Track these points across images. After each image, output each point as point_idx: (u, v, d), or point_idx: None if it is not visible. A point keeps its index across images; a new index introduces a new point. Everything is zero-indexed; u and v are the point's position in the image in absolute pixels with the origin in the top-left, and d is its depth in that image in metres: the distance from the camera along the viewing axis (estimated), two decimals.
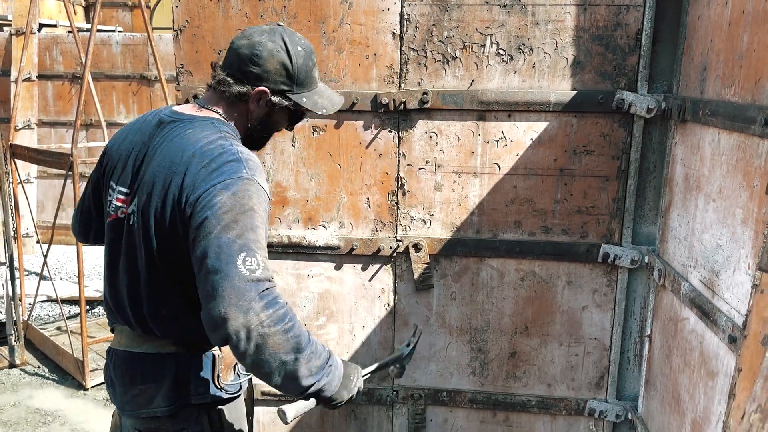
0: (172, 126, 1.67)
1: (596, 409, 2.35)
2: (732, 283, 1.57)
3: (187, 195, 1.52)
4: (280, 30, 1.69)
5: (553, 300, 2.33)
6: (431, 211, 2.33)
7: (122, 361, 1.74)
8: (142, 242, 1.64)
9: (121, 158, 1.75)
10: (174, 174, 1.56)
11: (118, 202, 1.71)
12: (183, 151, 1.58)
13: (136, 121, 1.81)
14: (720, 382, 1.63)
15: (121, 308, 1.73)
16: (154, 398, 1.70)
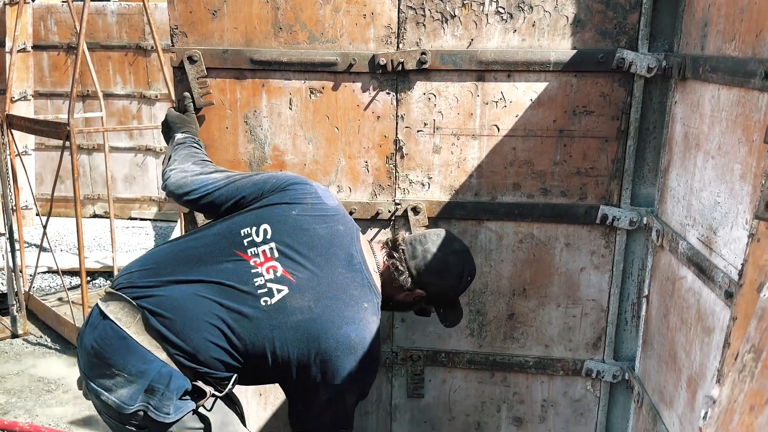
0: (357, 279, 1.82)
1: (593, 370, 2.38)
2: (729, 239, 1.57)
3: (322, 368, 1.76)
4: (468, 257, 1.98)
5: (551, 262, 2.34)
6: (430, 174, 2.32)
7: (111, 336, 1.72)
8: (255, 325, 1.73)
9: (296, 227, 1.82)
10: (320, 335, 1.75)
11: (262, 254, 1.77)
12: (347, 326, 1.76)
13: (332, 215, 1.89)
14: (716, 338, 1.64)
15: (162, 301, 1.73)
16: (122, 388, 1.70)
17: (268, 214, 1.83)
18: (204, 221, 2.40)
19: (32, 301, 5.83)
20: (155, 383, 1.69)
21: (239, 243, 1.79)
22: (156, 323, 1.71)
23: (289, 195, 1.88)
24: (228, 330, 1.72)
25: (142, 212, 8.76)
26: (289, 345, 1.73)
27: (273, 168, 2.36)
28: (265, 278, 1.75)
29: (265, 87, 2.28)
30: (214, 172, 2.01)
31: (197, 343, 1.71)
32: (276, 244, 1.78)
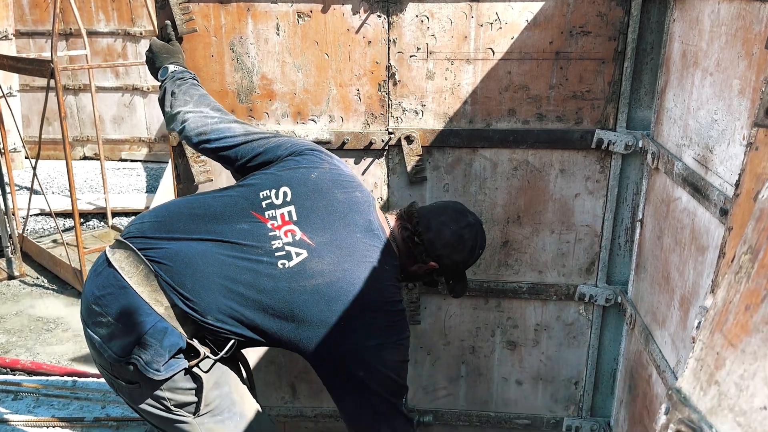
0: (374, 243, 1.79)
1: (586, 294, 2.41)
2: (726, 156, 1.56)
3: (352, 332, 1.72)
4: (480, 230, 1.96)
5: (546, 189, 2.33)
6: (423, 102, 2.28)
7: (112, 284, 1.69)
8: (272, 283, 1.69)
9: (316, 192, 1.79)
10: (342, 298, 1.70)
11: (280, 217, 1.74)
12: (363, 283, 1.72)
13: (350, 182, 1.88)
14: (710, 256, 1.65)
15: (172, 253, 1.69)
16: (115, 338, 1.68)
17: (288, 177, 1.80)
18: (193, 155, 2.36)
19: (27, 243, 5.83)
20: (149, 337, 1.65)
21: (257, 205, 1.76)
22: (163, 275, 1.67)
23: (307, 159, 1.86)
24: (242, 290, 1.69)
25: (132, 153, 8.67)
26: (310, 309, 1.69)
27: (262, 98, 2.31)
28: (283, 241, 1.72)
29: (251, 11, 2.21)
30: (234, 123, 1.96)
31: (207, 302, 1.67)
32: (295, 207, 1.75)
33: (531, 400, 2.62)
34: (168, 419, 1.77)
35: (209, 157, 2.01)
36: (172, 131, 2.04)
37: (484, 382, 2.62)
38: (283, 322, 1.71)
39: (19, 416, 3.17)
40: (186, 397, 1.75)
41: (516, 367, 2.58)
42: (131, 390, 1.75)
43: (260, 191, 1.78)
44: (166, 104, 2.03)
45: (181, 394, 1.74)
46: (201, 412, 1.77)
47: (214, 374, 1.78)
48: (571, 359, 2.54)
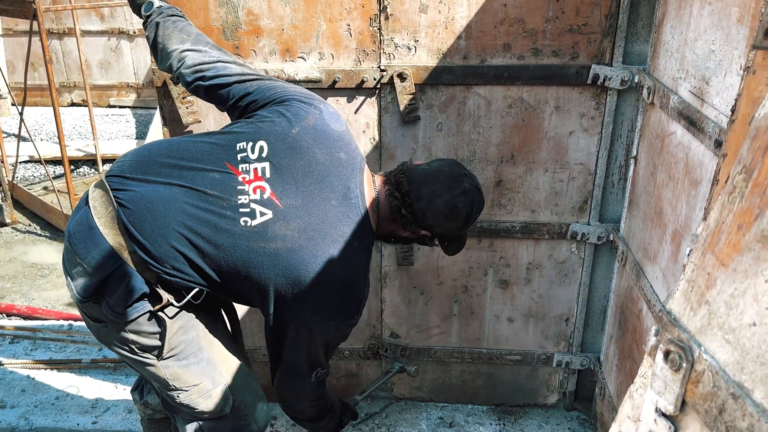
0: (348, 208, 1.70)
1: (578, 232, 2.41)
2: (722, 87, 1.54)
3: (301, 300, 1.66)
4: (477, 195, 1.79)
5: (540, 126, 2.31)
6: (416, 37, 2.22)
7: (83, 223, 1.67)
8: (230, 239, 1.62)
9: (295, 148, 1.69)
10: (301, 268, 1.63)
11: (253, 171, 1.65)
12: (327, 257, 1.65)
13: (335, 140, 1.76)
14: (703, 189, 1.65)
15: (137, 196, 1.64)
16: (80, 277, 1.67)
17: (267, 130, 1.70)
18: (179, 96, 2.31)
19: (17, 190, 5.79)
20: (111, 281, 1.63)
21: (233, 156, 1.68)
22: (126, 221, 1.63)
23: (292, 110, 1.74)
24: (201, 243, 1.63)
25: (120, 99, 8.53)
26: (266, 272, 1.64)
27: (248, 35, 2.25)
28: (249, 197, 1.64)
29: None
30: (232, 63, 1.88)
31: (164, 250, 1.62)
32: (270, 164, 1.66)
33: (522, 337, 2.67)
34: (135, 360, 1.78)
35: (200, 97, 1.94)
36: (163, 69, 1.98)
37: (476, 320, 2.66)
38: (238, 280, 1.67)
39: (16, 359, 3.20)
40: (150, 340, 1.74)
41: (508, 305, 2.61)
42: (99, 329, 1.76)
43: (238, 142, 1.70)
44: (158, 41, 1.94)
45: (145, 337, 1.73)
46: (165, 355, 1.76)
47: (180, 319, 1.76)
48: (562, 297, 2.57)
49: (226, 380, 1.88)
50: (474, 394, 2.83)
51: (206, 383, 1.84)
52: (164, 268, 1.64)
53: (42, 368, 3.13)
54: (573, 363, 2.66)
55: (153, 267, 1.64)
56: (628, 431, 0.99)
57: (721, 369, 0.80)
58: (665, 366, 0.88)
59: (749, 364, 0.76)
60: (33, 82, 7.59)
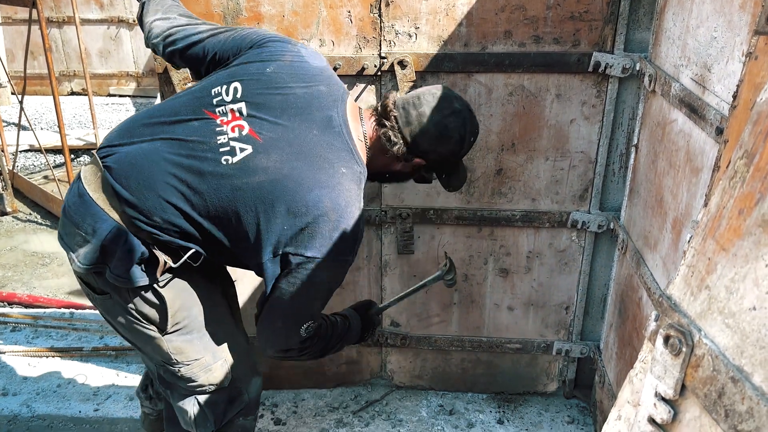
0: (332, 136, 1.65)
1: (579, 221, 2.41)
2: (724, 74, 1.53)
3: (286, 243, 1.59)
4: (468, 115, 1.75)
5: (541, 114, 2.30)
6: (417, 24, 2.21)
7: (75, 194, 1.69)
8: (216, 182, 1.60)
9: (273, 85, 1.66)
10: (296, 201, 1.58)
11: (230, 112, 1.64)
12: (318, 189, 1.59)
13: (314, 75, 1.72)
14: (704, 176, 1.64)
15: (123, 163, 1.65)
16: (80, 247, 1.67)
17: (240, 72, 1.69)
18: (180, 82, 2.31)
19: (18, 179, 5.79)
20: (109, 244, 1.63)
21: (209, 102, 1.67)
22: (111, 181, 1.63)
23: (267, 51, 1.73)
24: (186, 190, 1.62)
25: (120, 88, 8.51)
26: (254, 208, 1.60)
27: (249, 21, 2.24)
28: (228, 136, 1.61)
29: None
30: (201, 24, 1.88)
31: (152, 203, 1.62)
32: (246, 103, 1.64)
33: (522, 326, 2.67)
34: (139, 332, 1.79)
35: (178, 64, 1.92)
36: (148, 47, 1.98)
37: (477, 309, 2.66)
38: (229, 225, 1.64)
39: (18, 347, 3.21)
40: (152, 312, 1.75)
41: (508, 294, 2.62)
42: (103, 301, 1.77)
43: (212, 88, 1.68)
44: (140, 19, 1.97)
45: (148, 307, 1.74)
46: (169, 330, 1.78)
47: (181, 295, 1.78)
48: (562, 285, 2.57)
49: (226, 355, 1.90)
50: (474, 382, 2.84)
51: (207, 358, 1.85)
52: (155, 222, 1.64)
53: (44, 356, 3.14)
54: (573, 351, 2.67)
55: (145, 224, 1.64)
56: (627, 416, 1.00)
57: (720, 353, 0.80)
58: (665, 351, 0.89)
59: (749, 347, 0.76)
60: (33, 70, 7.56)
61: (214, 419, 1.94)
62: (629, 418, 0.99)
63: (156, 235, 1.66)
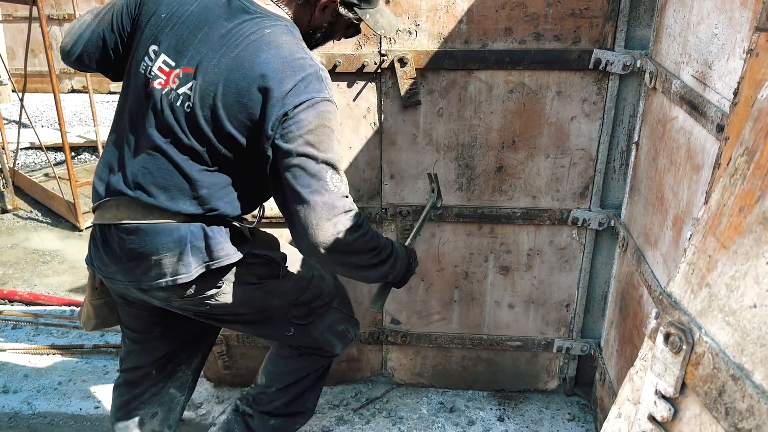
0: (246, 18, 1.64)
1: (579, 218, 2.41)
2: (725, 71, 1.53)
3: (274, 108, 1.58)
4: None
5: (542, 112, 2.30)
6: (417, 21, 2.21)
7: (126, 235, 1.71)
8: (199, 130, 1.63)
9: (173, 23, 1.66)
10: (257, 79, 1.58)
11: (160, 72, 1.65)
12: (263, 53, 1.60)
13: None
14: (704, 174, 1.64)
15: (124, 179, 1.68)
16: (172, 266, 1.71)
17: (147, 35, 1.69)
18: None
19: (18, 177, 5.79)
20: (194, 241, 1.70)
21: (146, 83, 1.68)
22: (146, 199, 1.68)
23: (159, 3, 1.71)
24: (182, 163, 1.66)
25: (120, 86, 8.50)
26: (230, 119, 1.61)
27: None
28: (175, 90, 1.64)
29: None
30: (86, 14, 1.85)
31: (174, 196, 1.68)
32: (164, 55, 1.66)
33: (523, 323, 2.67)
34: (264, 292, 1.90)
35: (97, 71, 1.89)
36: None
37: (477, 306, 2.66)
38: (232, 150, 1.67)
39: (19, 344, 3.21)
40: (264, 268, 1.89)
41: (508, 291, 2.62)
42: (221, 292, 1.82)
43: (139, 67, 1.69)
44: None
45: (260, 267, 1.87)
46: (282, 272, 1.93)
47: (268, 240, 1.98)
48: (563, 283, 2.57)
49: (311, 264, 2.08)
50: (474, 380, 2.84)
51: (314, 271, 2.07)
52: (199, 210, 1.69)
53: (44, 353, 3.14)
54: (573, 349, 2.67)
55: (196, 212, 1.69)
56: (627, 413, 1.00)
57: (721, 351, 0.80)
58: (665, 348, 0.88)
59: (749, 345, 0.76)
60: (33, 68, 7.56)
61: (352, 313, 2.19)
62: (629, 416, 0.99)
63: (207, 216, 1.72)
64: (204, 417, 2.71)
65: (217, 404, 2.78)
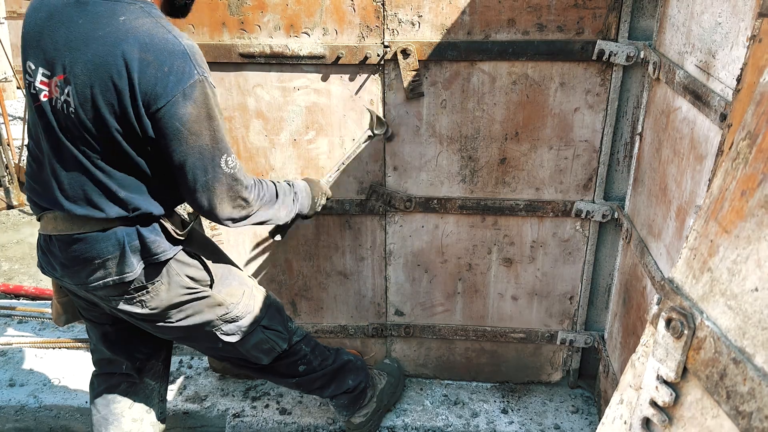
0: (99, 11, 1.61)
1: (583, 210, 2.41)
2: (728, 60, 1.52)
3: (148, 102, 1.58)
4: None
5: (545, 103, 2.29)
6: (420, 12, 2.21)
7: (67, 245, 1.76)
8: (91, 130, 1.63)
9: (36, 34, 1.66)
10: (120, 69, 1.56)
11: (43, 86, 1.65)
12: (122, 43, 1.57)
13: None
14: (708, 164, 1.64)
15: (54, 195, 1.72)
16: (116, 267, 1.77)
17: (24, 54, 1.69)
18: None
19: (24, 173, 5.80)
20: (131, 242, 1.76)
21: (36, 99, 1.67)
22: (77, 211, 1.72)
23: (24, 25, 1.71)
24: (92, 168, 1.68)
25: None
26: (111, 117, 1.60)
27: (253, 10, 2.23)
28: (59, 99, 1.63)
29: None
30: None
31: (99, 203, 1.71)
32: (41, 68, 1.64)
33: (526, 315, 2.67)
34: (197, 299, 1.93)
35: None
36: None
37: (480, 298, 2.66)
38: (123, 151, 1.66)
39: (25, 338, 3.23)
40: (197, 271, 1.92)
41: (512, 283, 2.62)
42: (156, 289, 1.85)
43: (30, 85, 1.68)
44: None
45: (193, 269, 1.91)
46: (216, 284, 1.97)
47: (208, 248, 2.00)
48: (566, 275, 2.57)
49: (252, 281, 2.16)
50: (478, 372, 2.84)
51: (246, 289, 2.08)
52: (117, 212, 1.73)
53: (50, 347, 3.16)
54: (577, 341, 2.66)
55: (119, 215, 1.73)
56: (629, 399, 1.00)
57: (722, 335, 0.80)
58: (667, 333, 0.88)
59: (751, 329, 0.76)
60: None
61: (282, 328, 2.18)
62: (631, 401, 1.00)
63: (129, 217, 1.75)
64: (209, 410, 2.72)
65: (222, 396, 2.79)
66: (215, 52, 2.27)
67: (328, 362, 2.37)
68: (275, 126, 2.42)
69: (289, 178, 2.47)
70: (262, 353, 2.15)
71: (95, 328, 2.09)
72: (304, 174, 2.49)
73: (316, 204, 2.19)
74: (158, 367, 2.23)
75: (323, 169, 2.48)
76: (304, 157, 2.46)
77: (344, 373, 2.43)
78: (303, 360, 2.29)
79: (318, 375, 2.35)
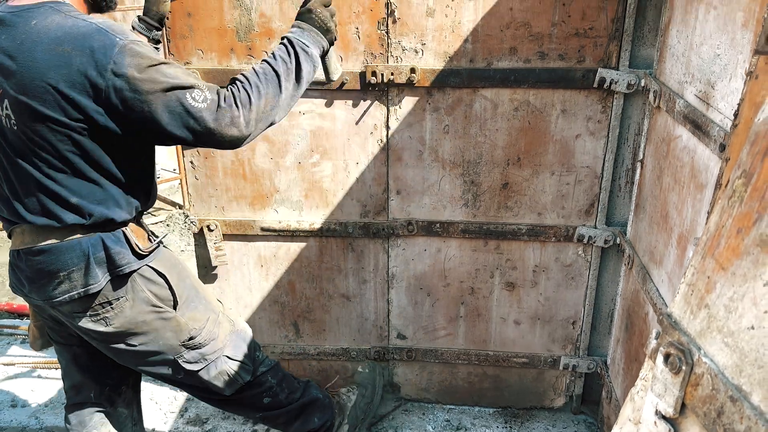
0: (15, 21, 1.63)
1: (585, 235, 2.42)
2: (727, 91, 1.54)
3: (92, 86, 1.58)
4: None
5: (547, 129, 2.31)
6: (423, 40, 2.24)
7: (32, 256, 1.77)
8: (35, 140, 1.64)
9: None
10: (47, 73, 1.57)
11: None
12: (38, 45, 1.58)
13: None
14: (708, 193, 1.65)
15: (16, 208, 1.74)
16: (81, 279, 1.77)
17: None
18: None
19: None
20: (95, 253, 1.76)
21: None
22: (40, 222, 1.73)
23: None
24: (43, 178, 1.68)
25: None
26: (48, 123, 1.61)
27: (260, 36, 2.27)
28: (3, 116, 1.64)
29: None
30: None
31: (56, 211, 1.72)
32: None
33: (529, 340, 2.67)
34: (159, 320, 1.90)
35: None
36: None
37: (483, 322, 2.66)
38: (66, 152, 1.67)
39: (27, 359, 3.24)
40: (163, 288, 1.90)
41: (514, 308, 2.62)
42: (121, 305, 1.84)
43: None
44: None
45: (157, 286, 1.88)
46: (180, 305, 1.94)
47: (175, 268, 1.95)
48: (569, 300, 2.57)
49: (219, 308, 2.12)
50: (480, 396, 2.84)
51: (211, 314, 2.05)
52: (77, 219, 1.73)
53: (52, 368, 3.16)
54: (580, 366, 2.66)
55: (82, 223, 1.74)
56: None
57: (720, 372, 0.80)
58: (665, 369, 0.89)
59: (747, 367, 0.76)
60: None
61: (246, 358, 2.12)
62: None
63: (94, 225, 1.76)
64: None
65: (222, 420, 2.78)
66: (223, 76, 2.30)
67: (295, 395, 2.30)
68: (281, 149, 2.45)
69: (294, 200, 2.50)
70: (224, 384, 2.09)
71: (65, 351, 2.06)
72: (308, 197, 2.51)
73: (325, 24, 1.86)
74: (128, 393, 2.18)
75: (327, 192, 2.50)
76: (309, 179, 2.48)
77: (311, 410, 2.36)
78: (268, 392, 2.22)
79: (283, 411, 2.28)
